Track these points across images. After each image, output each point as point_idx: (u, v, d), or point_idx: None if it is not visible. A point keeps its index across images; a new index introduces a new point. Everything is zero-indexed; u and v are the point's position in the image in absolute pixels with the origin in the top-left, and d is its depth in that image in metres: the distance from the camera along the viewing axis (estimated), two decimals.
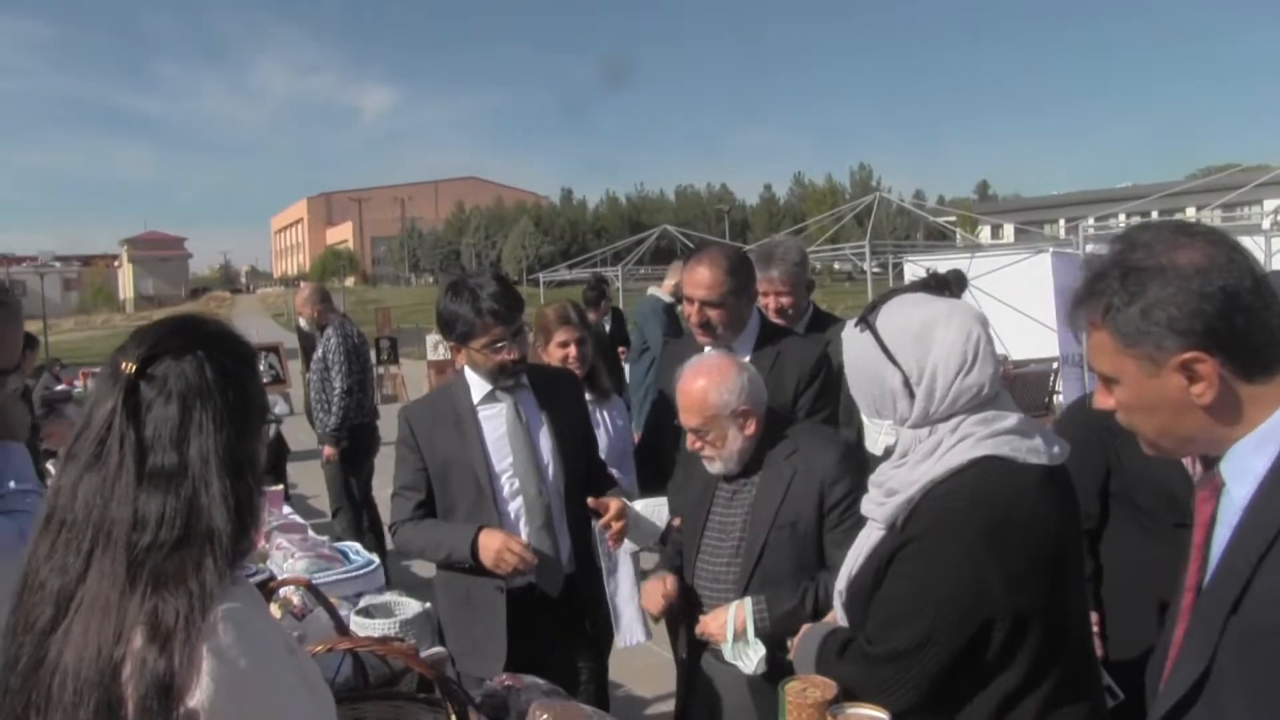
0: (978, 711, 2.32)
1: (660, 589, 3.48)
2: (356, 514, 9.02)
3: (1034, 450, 2.35)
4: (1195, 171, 57.66)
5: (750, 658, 3.20)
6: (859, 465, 3.33)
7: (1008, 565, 2.24)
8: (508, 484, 3.90)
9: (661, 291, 9.43)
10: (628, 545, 3.89)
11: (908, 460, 2.43)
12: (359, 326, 9.40)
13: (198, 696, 1.59)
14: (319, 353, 8.91)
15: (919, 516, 2.34)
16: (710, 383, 3.30)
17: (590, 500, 3.74)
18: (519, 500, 3.90)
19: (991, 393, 2.39)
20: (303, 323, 9.13)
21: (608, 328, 12.08)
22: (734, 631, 3.21)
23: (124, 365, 1.75)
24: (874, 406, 2.52)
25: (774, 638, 3.20)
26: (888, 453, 2.55)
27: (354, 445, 8.92)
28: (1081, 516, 3.22)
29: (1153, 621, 3.29)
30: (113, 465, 1.70)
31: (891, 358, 2.43)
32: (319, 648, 2.36)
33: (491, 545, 3.70)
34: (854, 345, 2.54)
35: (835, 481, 3.26)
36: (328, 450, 8.87)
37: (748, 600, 3.24)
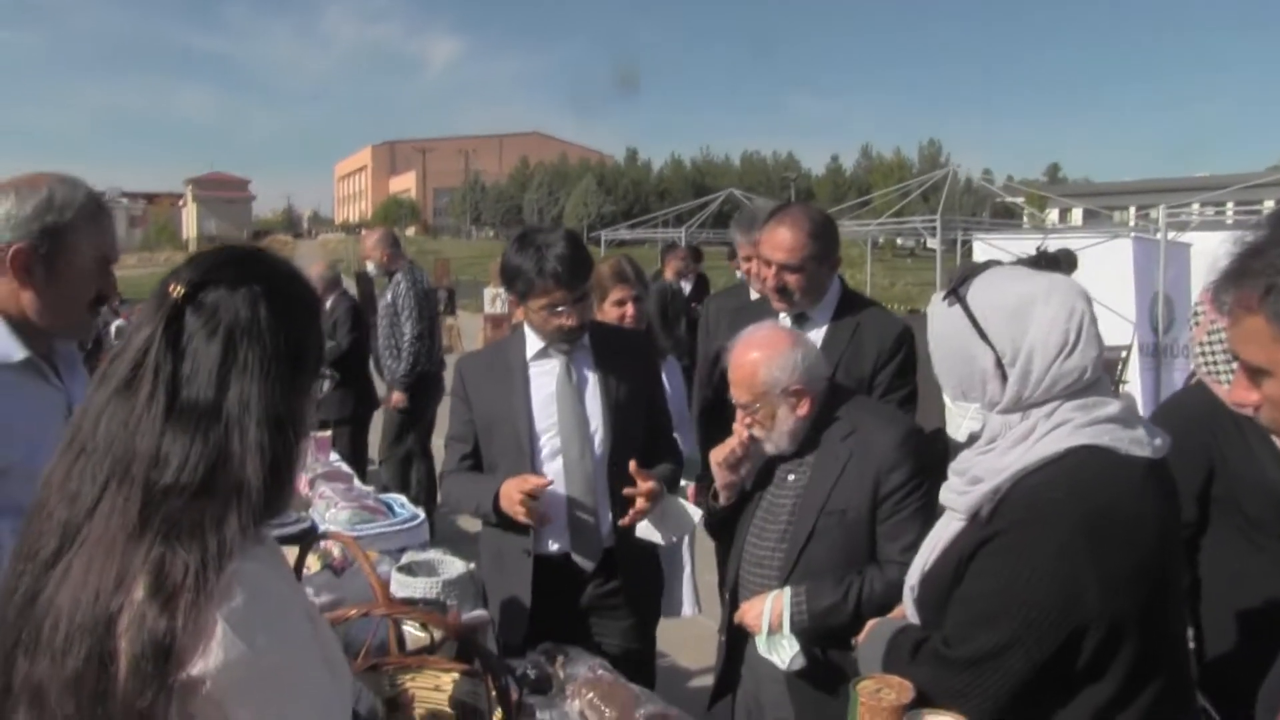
0: None
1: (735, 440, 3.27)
2: (406, 464, 8.90)
3: (1137, 441, 2.14)
4: (1277, 163, 56.41)
5: (784, 652, 3.04)
6: (919, 450, 3.11)
7: (1107, 566, 2.03)
8: (548, 444, 3.72)
9: None
10: (648, 529, 3.68)
11: (996, 446, 2.22)
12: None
13: (203, 665, 1.43)
14: (388, 298, 8.71)
15: (1008, 508, 2.13)
16: (762, 357, 3.11)
17: (633, 466, 3.53)
18: (558, 462, 3.71)
19: (1093, 377, 2.17)
20: (370, 266, 8.94)
21: (687, 289, 11.95)
22: (769, 624, 3.04)
23: (172, 288, 1.59)
24: (960, 388, 2.30)
25: (812, 633, 3.03)
26: (972, 439, 2.33)
27: (418, 394, 8.74)
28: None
29: (1257, 641, 3.06)
30: (143, 395, 1.55)
31: (984, 335, 2.21)
32: (352, 612, 2.21)
33: (508, 491, 3.54)
34: (942, 320, 2.31)
35: (892, 468, 3.05)
36: (396, 396, 8.69)
37: (786, 591, 3.06)
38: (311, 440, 6.04)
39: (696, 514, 3.64)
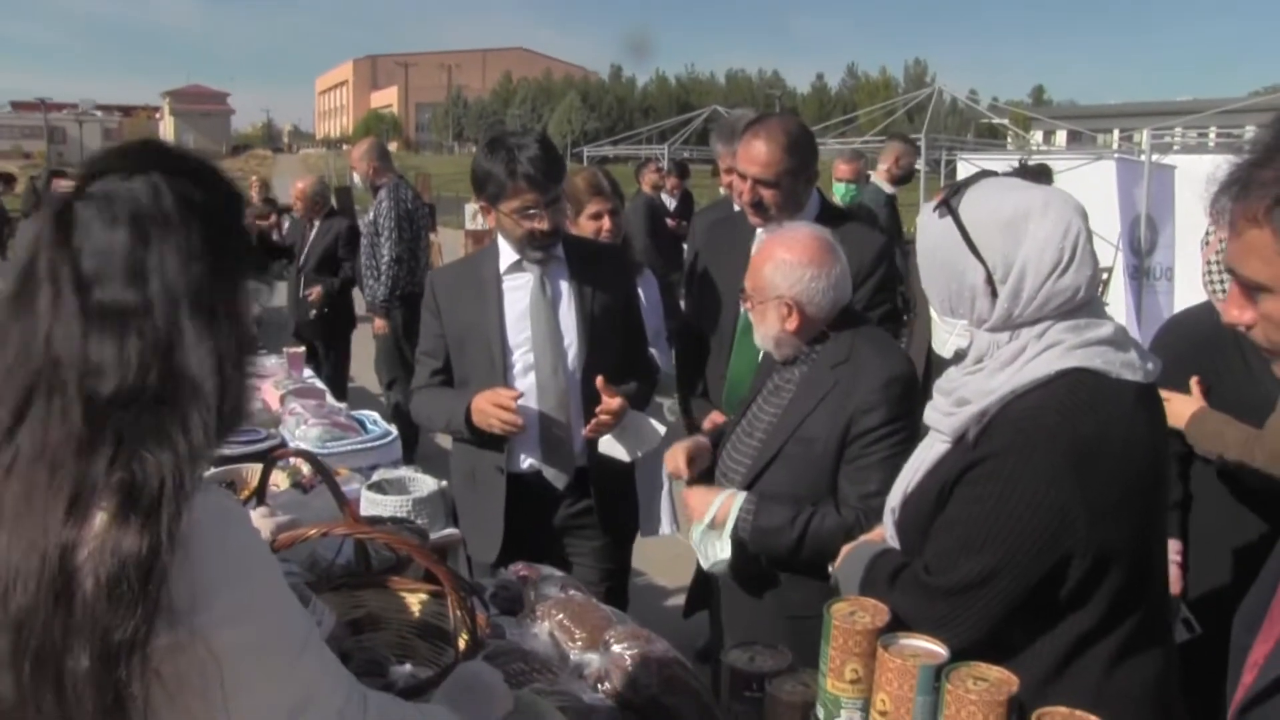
0: (1044, 654, 2.07)
1: (684, 451, 3.26)
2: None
3: (1129, 365, 2.06)
4: (1258, 89, 56.50)
5: (714, 552, 3.00)
6: (903, 396, 2.98)
7: (1095, 495, 1.96)
8: (521, 360, 3.64)
9: (882, 180, 8.67)
10: (611, 444, 3.62)
11: (984, 367, 2.13)
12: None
13: (180, 602, 1.29)
14: (370, 216, 8.48)
15: (996, 431, 2.05)
16: (777, 257, 3.02)
17: (599, 381, 3.46)
18: (531, 377, 3.63)
19: (1086, 297, 2.08)
20: (356, 179, 8.71)
21: (672, 205, 11.82)
22: (713, 518, 2.99)
23: (57, 184, 1.44)
24: (948, 304, 2.20)
25: (749, 546, 2.99)
26: (958, 356, 2.25)
27: (406, 314, 8.35)
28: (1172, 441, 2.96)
29: (1244, 555, 3.06)
30: (45, 300, 1.35)
31: (975, 249, 2.11)
32: (312, 531, 2.13)
33: (480, 405, 3.48)
34: (931, 232, 2.20)
35: (868, 410, 2.94)
36: (378, 322, 8.50)
37: (742, 495, 3.00)
38: (285, 355, 6.00)
39: (661, 430, 3.58)
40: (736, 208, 4.83)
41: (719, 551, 3.00)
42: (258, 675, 1.39)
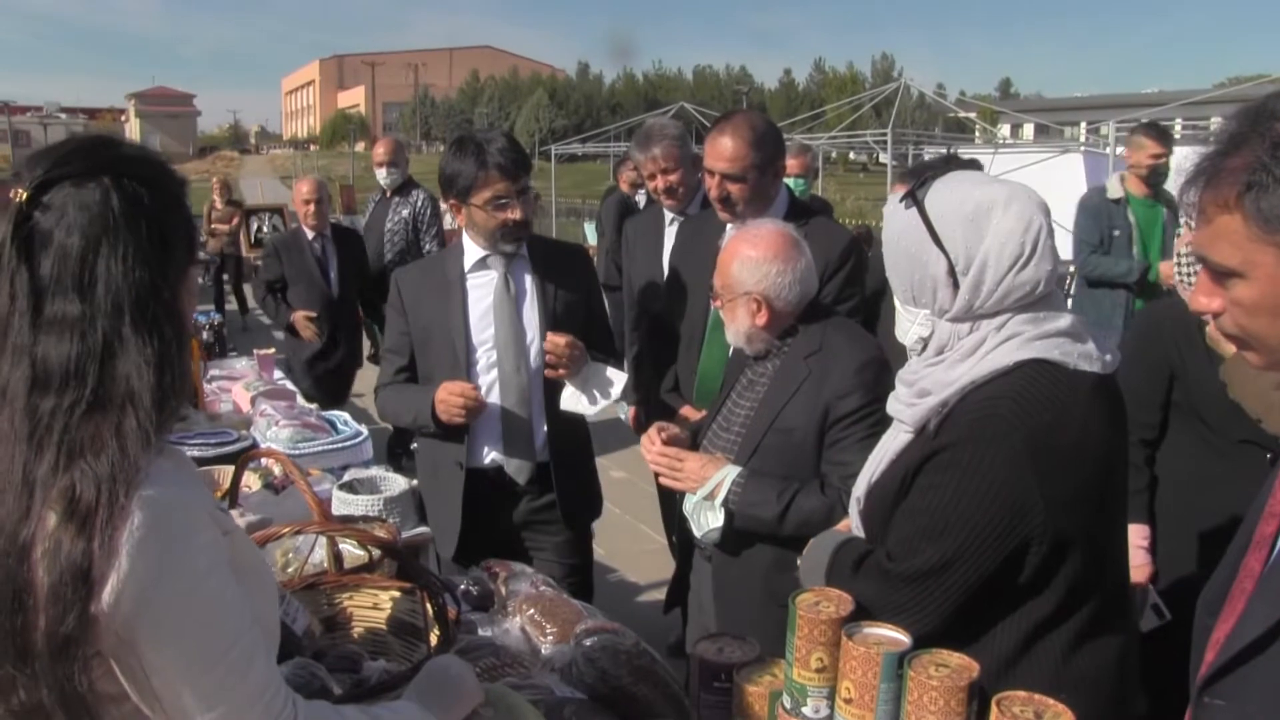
0: (1003, 640, 2.11)
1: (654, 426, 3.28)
2: None
3: (1086, 356, 2.10)
4: (1223, 80, 56.97)
5: (708, 521, 3.06)
6: (876, 379, 3.01)
7: (1051, 483, 2.00)
8: (484, 357, 3.68)
9: (1131, 187, 6.78)
10: (573, 398, 3.65)
11: (945, 358, 2.17)
12: (367, 193, 8.98)
13: (105, 598, 1.39)
14: (405, 212, 8.40)
15: (955, 422, 2.09)
16: (743, 253, 3.07)
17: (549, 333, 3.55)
18: (494, 374, 3.68)
19: (1045, 291, 2.12)
20: (386, 176, 8.64)
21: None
22: (709, 490, 3.04)
23: (15, 192, 1.48)
24: (911, 293, 2.24)
25: (734, 518, 3.04)
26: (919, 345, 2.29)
27: None
28: (1137, 428, 3.00)
29: (1210, 540, 3.10)
30: (2, 308, 1.45)
31: (938, 241, 2.14)
32: (285, 530, 2.15)
33: (441, 396, 3.51)
34: (897, 222, 2.24)
35: (844, 395, 2.99)
36: None
37: (735, 471, 3.04)
38: (255, 357, 5.98)
39: (621, 379, 3.63)
40: (669, 215, 4.92)
41: (711, 521, 3.05)
42: (178, 682, 1.46)
